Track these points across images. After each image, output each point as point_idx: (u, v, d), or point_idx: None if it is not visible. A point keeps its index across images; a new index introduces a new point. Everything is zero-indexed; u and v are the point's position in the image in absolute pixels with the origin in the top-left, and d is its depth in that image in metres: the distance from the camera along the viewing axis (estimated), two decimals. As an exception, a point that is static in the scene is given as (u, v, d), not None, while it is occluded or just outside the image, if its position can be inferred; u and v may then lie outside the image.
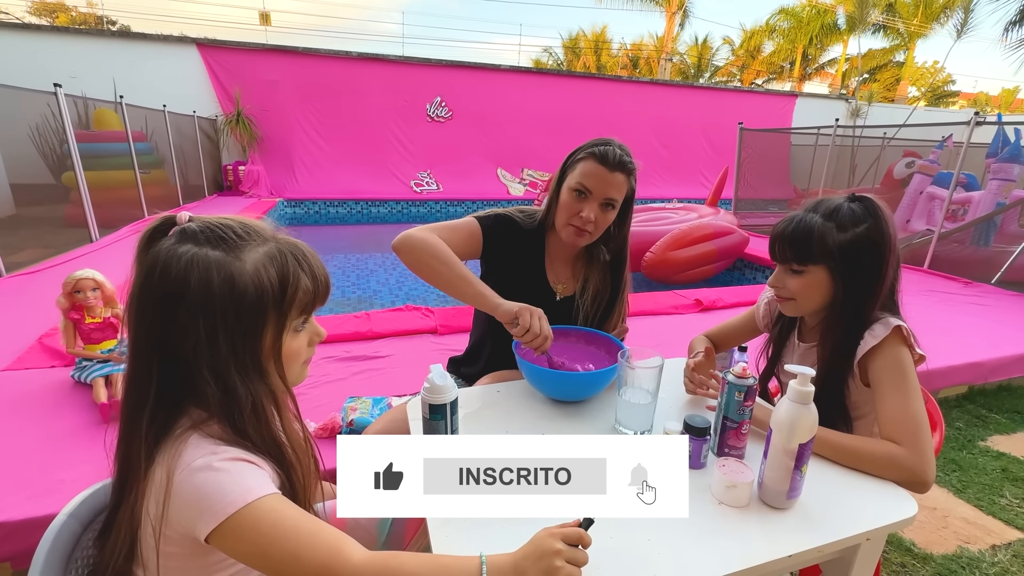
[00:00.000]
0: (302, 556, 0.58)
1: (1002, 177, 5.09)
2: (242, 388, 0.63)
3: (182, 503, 0.58)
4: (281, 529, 0.58)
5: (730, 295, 3.62)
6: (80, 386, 1.96)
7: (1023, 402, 2.58)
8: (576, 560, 0.61)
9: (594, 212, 1.19)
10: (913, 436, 0.87)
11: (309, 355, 0.75)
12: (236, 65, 8.96)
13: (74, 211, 4.76)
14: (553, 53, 24.57)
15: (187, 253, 0.61)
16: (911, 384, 0.92)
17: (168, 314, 0.61)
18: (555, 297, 1.32)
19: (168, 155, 6.91)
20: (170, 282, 0.60)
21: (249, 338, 0.64)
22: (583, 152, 1.20)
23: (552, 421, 1.04)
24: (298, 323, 0.69)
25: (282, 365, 0.69)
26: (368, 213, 9.13)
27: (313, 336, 0.74)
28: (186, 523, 0.58)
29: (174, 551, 0.62)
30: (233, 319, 0.62)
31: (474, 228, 1.26)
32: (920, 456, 0.85)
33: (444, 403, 0.82)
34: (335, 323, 2.74)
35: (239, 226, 0.66)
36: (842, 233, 0.97)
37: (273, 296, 0.64)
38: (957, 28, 17.34)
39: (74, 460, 1.57)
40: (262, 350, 0.65)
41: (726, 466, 0.81)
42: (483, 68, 10.73)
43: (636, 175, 1.23)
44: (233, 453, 0.61)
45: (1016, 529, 1.69)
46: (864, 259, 0.97)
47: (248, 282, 0.62)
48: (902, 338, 0.95)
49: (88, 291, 1.91)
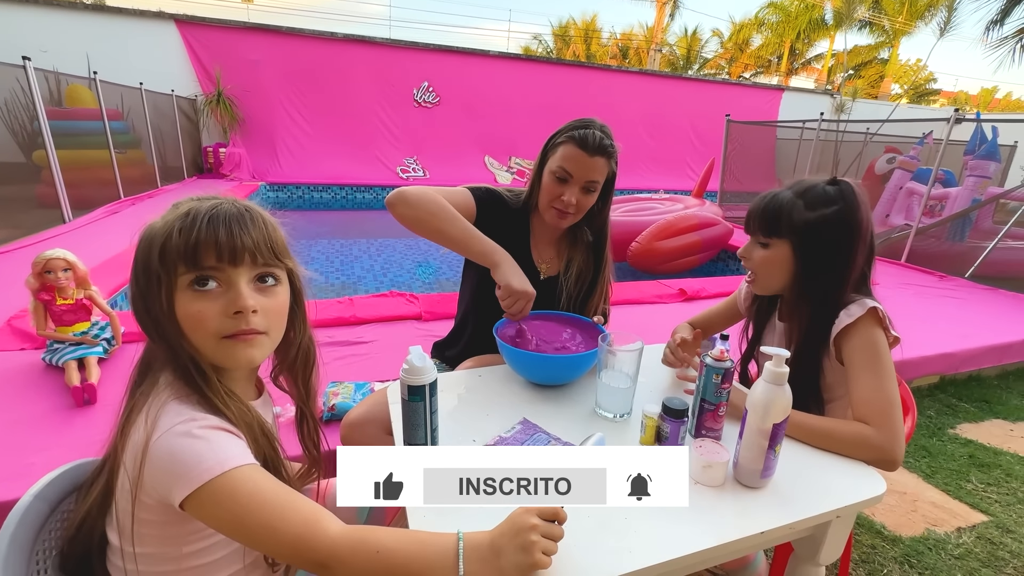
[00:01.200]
0: (278, 527, 0.58)
1: (979, 174, 5.21)
2: (174, 345, 0.65)
3: (158, 467, 0.58)
4: (258, 499, 0.58)
5: (713, 285, 3.65)
6: (51, 369, 1.91)
7: (991, 392, 2.67)
8: (552, 535, 0.61)
9: (575, 196, 1.19)
10: (884, 416, 0.89)
11: (229, 328, 0.64)
12: (216, 43, 8.69)
13: (46, 191, 4.60)
14: (543, 41, 24.37)
15: None
16: (884, 365, 0.94)
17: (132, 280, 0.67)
18: (539, 277, 1.33)
19: (145, 135, 6.69)
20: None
21: (152, 296, 0.64)
22: (563, 135, 1.20)
23: (533, 405, 1.04)
24: (188, 278, 0.63)
25: (180, 327, 0.64)
26: (353, 199, 8.99)
27: (228, 305, 0.64)
28: (162, 488, 0.58)
29: (149, 518, 0.61)
30: (142, 278, 0.64)
31: (468, 197, 1.26)
32: (890, 435, 0.88)
33: (423, 384, 0.82)
34: (319, 308, 2.70)
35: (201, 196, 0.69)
36: (809, 211, 0.99)
37: (160, 245, 0.63)
38: (940, 26, 17.63)
39: (45, 444, 1.53)
40: (161, 312, 0.64)
41: (703, 447, 0.82)
42: (472, 54, 10.57)
43: (617, 156, 1.23)
44: (212, 422, 0.61)
45: (980, 512, 1.75)
46: (828, 240, 0.99)
47: (150, 236, 0.64)
48: (877, 319, 0.97)
49: (59, 271, 1.85)
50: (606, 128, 1.21)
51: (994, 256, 4.37)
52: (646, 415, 0.89)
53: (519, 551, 0.59)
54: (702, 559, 0.70)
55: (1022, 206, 4.67)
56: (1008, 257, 4.46)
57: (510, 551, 0.60)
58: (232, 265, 0.64)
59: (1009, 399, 2.61)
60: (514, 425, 0.95)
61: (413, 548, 0.61)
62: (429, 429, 0.84)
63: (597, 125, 1.20)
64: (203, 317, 0.63)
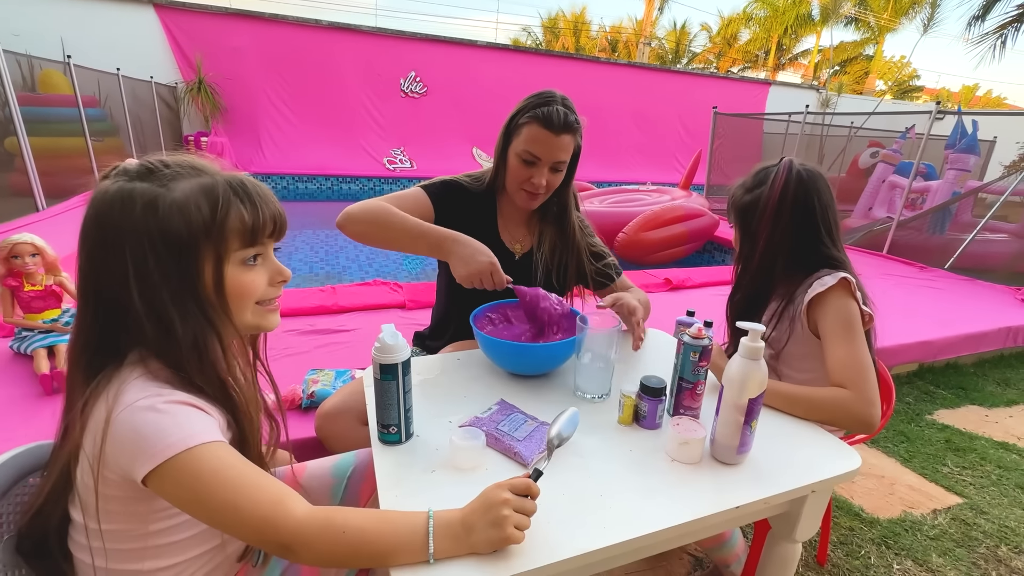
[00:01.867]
0: (242, 506, 0.56)
1: (959, 167, 5.30)
2: (180, 321, 0.60)
3: (121, 442, 0.55)
4: (222, 477, 0.56)
5: (699, 275, 3.67)
6: (19, 357, 1.85)
7: (967, 379, 2.72)
8: (524, 509, 0.60)
9: (545, 177, 1.17)
10: (859, 380, 0.91)
11: (271, 296, 0.69)
12: (197, 29, 8.48)
13: (18, 179, 4.46)
14: (532, 32, 24.23)
15: (115, 187, 0.60)
16: (856, 333, 0.96)
17: (96, 247, 0.60)
18: (514, 257, 1.31)
19: (123, 122, 6.52)
20: (97, 214, 0.59)
21: (184, 267, 0.61)
22: (526, 114, 1.15)
23: (511, 388, 1.02)
24: (244, 255, 0.65)
25: (226, 300, 0.64)
26: (339, 190, 8.88)
27: (274, 275, 0.69)
28: (124, 463, 0.56)
29: (114, 494, 0.59)
30: (162, 246, 0.59)
31: (421, 196, 1.23)
32: (865, 399, 0.90)
33: (395, 363, 0.80)
34: (299, 296, 2.66)
35: (175, 161, 0.64)
36: (746, 195, 1.10)
37: (204, 223, 0.61)
38: (924, 23, 17.88)
39: (13, 434, 1.48)
40: (201, 283, 0.62)
41: (680, 424, 0.81)
42: (460, 44, 10.47)
43: (582, 130, 1.19)
44: (179, 397, 0.59)
45: (955, 495, 1.78)
46: (751, 218, 1.09)
47: (172, 207, 0.60)
48: (849, 290, 0.99)
49: (26, 256, 1.79)
50: (567, 100, 1.17)
51: (972, 248, 4.45)
52: (624, 394, 0.89)
53: (491, 526, 0.58)
54: (677, 534, 0.69)
55: (1000, 199, 4.76)
56: (986, 249, 4.54)
57: (482, 526, 0.59)
58: (273, 239, 0.69)
59: (984, 386, 2.66)
60: (491, 406, 0.93)
61: (382, 527, 0.60)
62: (402, 409, 0.82)
63: (559, 99, 1.16)
64: (254, 287, 0.66)
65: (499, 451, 0.82)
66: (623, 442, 0.85)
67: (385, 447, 0.82)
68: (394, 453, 0.81)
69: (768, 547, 0.93)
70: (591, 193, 5.99)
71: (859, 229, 5.51)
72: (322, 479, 0.91)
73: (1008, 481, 1.87)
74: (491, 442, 0.83)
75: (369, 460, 0.90)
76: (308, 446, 1.47)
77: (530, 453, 0.79)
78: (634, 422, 0.90)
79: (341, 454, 0.96)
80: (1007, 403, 2.50)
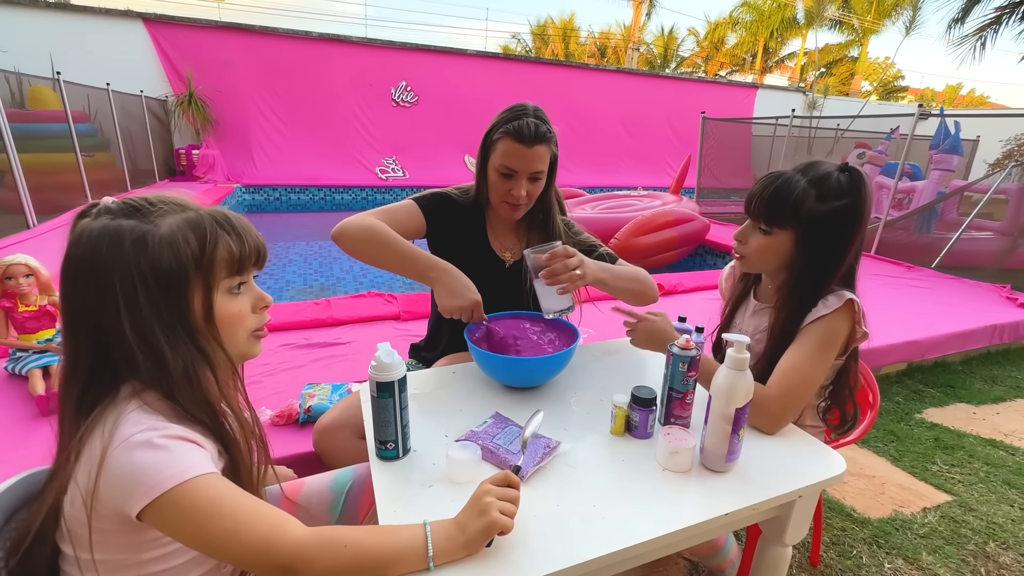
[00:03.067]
0: (241, 534, 0.57)
1: (943, 167, 5.39)
2: (170, 352, 0.62)
3: (115, 479, 0.56)
4: (218, 507, 0.57)
5: (691, 279, 3.71)
6: (15, 378, 1.84)
7: (956, 377, 2.76)
8: (506, 496, 0.65)
9: (524, 188, 1.20)
10: (789, 389, 0.92)
11: (257, 323, 0.72)
12: (187, 43, 8.49)
13: (8, 196, 4.43)
14: (521, 40, 24.39)
15: (100, 225, 0.62)
16: (824, 353, 0.96)
17: (85, 283, 0.61)
18: (504, 265, 1.33)
19: (114, 137, 6.51)
20: (84, 252, 0.61)
21: (174, 300, 0.63)
22: (499, 130, 1.18)
23: (506, 399, 1.05)
24: (230, 284, 0.68)
25: (216, 330, 0.67)
26: (331, 200, 8.88)
27: (257, 301, 0.72)
28: (118, 500, 0.56)
29: (106, 527, 0.60)
30: (152, 280, 0.61)
31: (413, 209, 1.25)
32: (779, 411, 0.92)
33: (391, 381, 0.81)
34: (293, 310, 2.67)
35: (157, 199, 0.66)
36: (821, 204, 0.96)
37: (193, 255, 0.63)
38: (906, 25, 18.19)
39: (8, 455, 1.48)
40: (191, 313, 0.64)
41: (670, 434, 0.83)
42: (450, 52, 10.53)
43: (556, 139, 1.22)
44: (174, 431, 0.60)
45: (944, 493, 1.82)
46: (832, 233, 0.97)
47: (161, 242, 0.62)
48: (851, 313, 0.98)
49: (20, 277, 1.80)
50: (540, 111, 1.20)
51: (958, 247, 4.52)
52: (616, 405, 0.91)
53: (478, 516, 0.63)
54: (670, 542, 0.71)
55: (984, 198, 4.84)
56: (971, 248, 4.62)
57: (471, 520, 0.64)
58: (255, 268, 0.72)
59: (972, 384, 2.71)
60: (486, 420, 0.95)
61: (381, 539, 0.62)
62: (400, 425, 0.84)
63: (531, 111, 1.18)
64: (243, 316, 0.69)
65: (494, 464, 0.84)
66: (615, 452, 0.88)
67: (383, 463, 0.84)
68: (392, 468, 0.83)
69: (760, 551, 0.95)
70: (582, 199, 6.03)
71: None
72: (321, 495, 0.92)
73: (996, 478, 1.91)
74: (486, 455, 0.85)
75: (367, 475, 0.92)
76: (305, 461, 1.48)
77: (525, 466, 0.81)
78: (626, 432, 0.92)
79: (339, 469, 0.98)
80: (994, 400, 2.54)
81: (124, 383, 0.63)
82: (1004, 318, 3.16)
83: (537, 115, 1.18)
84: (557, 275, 1.05)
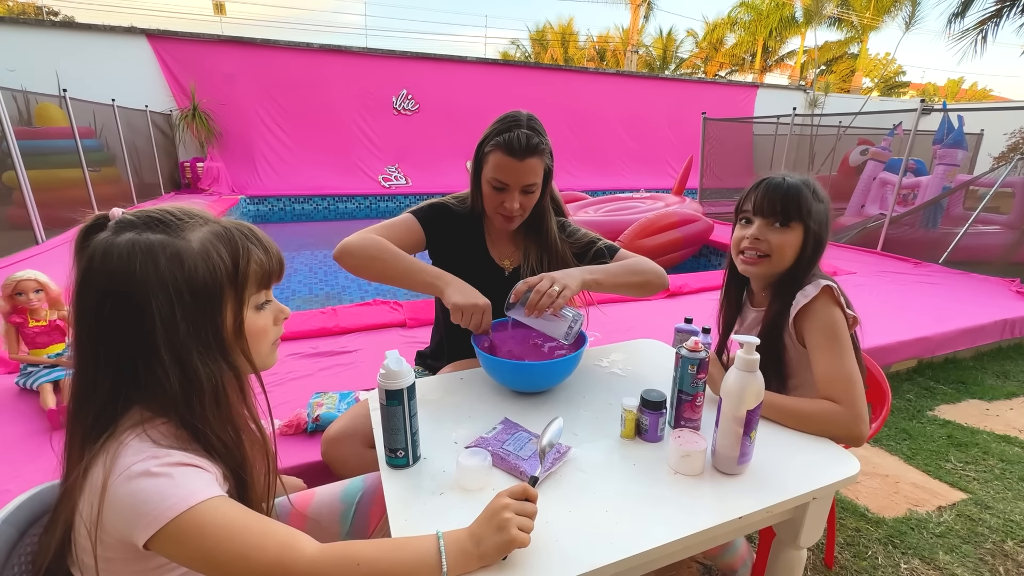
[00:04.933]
0: (251, 556, 0.56)
1: (947, 162, 5.35)
2: (203, 370, 0.61)
3: (118, 510, 0.55)
4: (227, 530, 0.56)
5: (696, 280, 3.69)
6: (26, 393, 1.86)
7: (967, 373, 2.73)
8: (525, 511, 0.63)
9: (517, 200, 1.19)
10: (847, 394, 0.92)
11: (276, 335, 0.73)
12: (190, 57, 8.60)
13: (17, 212, 4.49)
14: (520, 45, 24.51)
15: (127, 240, 0.59)
16: (842, 343, 0.97)
17: (115, 304, 0.58)
18: (504, 273, 1.33)
19: (119, 152, 6.58)
20: (113, 270, 0.58)
21: (208, 316, 0.62)
22: (490, 142, 1.17)
23: (514, 406, 1.04)
24: (258, 299, 0.68)
25: (247, 344, 0.66)
26: (335, 209, 8.93)
27: (278, 314, 0.72)
28: (123, 530, 0.55)
29: (112, 556, 0.58)
30: (188, 297, 0.60)
31: (411, 222, 1.25)
32: (852, 412, 0.91)
33: (400, 388, 0.82)
34: (300, 319, 2.67)
35: (177, 210, 0.64)
36: (817, 202, 1.06)
37: (227, 270, 0.62)
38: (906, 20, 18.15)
39: (21, 470, 1.49)
40: (224, 329, 0.64)
41: (681, 437, 0.83)
42: (449, 60, 10.61)
43: (550, 150, 1.21)
44: (176, 457, 0.58)
45: (959, 491, 1.79)
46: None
47: (197, 258, 0.60)
48: (832, 297, 1.01)
49: (30, 293, 1.82)
50: (534, 121, 1.18)
51: (965, 241, 4.48)
52: (625, 408, 0.91)
53: (496, 531, 0.62)
54: (683, 547, 0.71)
55: (990, 192, 4.81)
56: (979, 242, 4.58)
57: (488, 534, 0.62)
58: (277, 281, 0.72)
59: (984, 379, 2.68)
60: (495, 426, 0.95)
61: (395, 555, 0.61)
62: (409, 433, 0.84)
63: (524, 121, 1.16)
64: (267, 329, 0.70)
65: (505, 470, 0.84)
66: (626, 456, 0.87)
67: (393, 471, 0.84)
68: (402, 477, 0.83)
69: (774, 554, 0.94)
70: (585, 203, 6.04)
71: (853, 227, 5.55)
72: (331, 505, 0.92)
73: (1011, 475, 1.88)
74: (496, 462, 0.84)
75: (377, 484, 0.92)
76: (314, 470, 1.48)
77: (535, 471, 0.81)
78: (636, 436, 0.92)
79: (349, 479, 0.97)
80: (1007, 396, 2.51)
81: (130, 408, 0.61)
82: (1015, 312, 3.13)
83: (531, 125, 1.16)
84: (537, 306, 1.04)
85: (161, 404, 0.61)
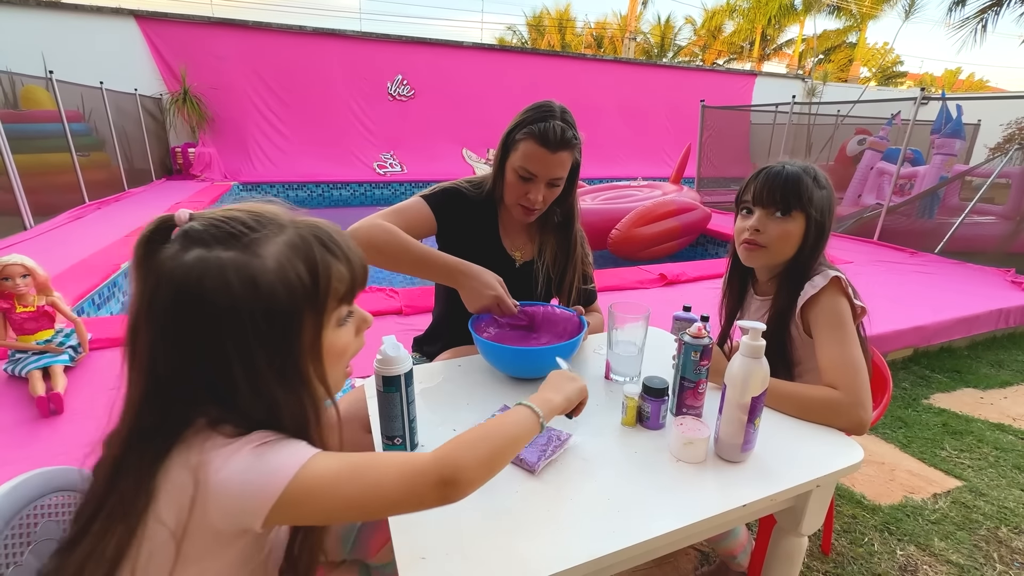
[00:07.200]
0: (382, 479, 0.54)
1: (945, 152, 5.35)
2: (284, 400, 0.56)
3: (228, 496, 0.51)
4: (348, 469, 0.54)
5: (693, 269, 3.69)
6: (14, 380, 1.83)
7: (962, 362, 2.75)
8: None
9: (541, 193, 1.16)
10: (850, 381, 0.91)
11: (357, 348, 0.65)
12: (180, 40, 8.41)
13: (4, 197, 4.40)
14: (517, 31, 24.21)
15: (196, 259, 0.52)
16: (848, 331, 0.97)
17: (183, 332, 0.53)
18: (515, 264, 1.30)
19: (109, 136, 6.46)
20: (181, 296, 0.52)
21: (285, 343, 0.56)
22: (523, 130, 1.13)
23: (513, 392, 1.03)
24: (340, 315, 0.61)
25: (323, 367, 0.59)
26: (330, 196, 8.85)
27: (360, 324, 0.65)
28: (234, 517, 0.52)
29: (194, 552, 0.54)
30: (265, 325, 0.54)
31: (422, 207, 1.22)
32: (856, 400, 0.90)
33: (398, 375, 0.80)
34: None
35: (249, 217, 0.57)
36: (819, 189, 1.05)
37: (305, 291, 0.56)
38: (905, 9, 18.04)
39: (9, 457, 1.47)
40: (301, 352, 0.57)
41: (684, 424, 0.82)
42: (445, 45, 10.44)
43: (580, 145, 1.18)
44: (263, 437, 0.54)
45: (954, 478, 1.81)
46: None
47: (274, 280, 0.54)
48: (840, 288, 1.00)
49: (17, 278, 1.78)
50: (567, 114, 1.15)
51: (961, 232, 4.50)
52: (627, 395, 0.89)
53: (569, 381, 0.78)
54: (686, 535, 0.70)
55: (986, 182, 4.81)
56: (974, 232, 4.59)
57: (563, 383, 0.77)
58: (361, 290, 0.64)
59: (979, 368, 2.69)
60: (494, 412, 0.93)
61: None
62: (407, 420, 0.82)
63: (558, 112, 1.14)
64: (348, 345, 0.63)
65: (504, 458, 0.82)
66: (627, 444, 0.86)
67: (390, 459, 0.82)
68: (400, 465, 0.81)
69: (774, 541, 0.94)
70: (582, 191, 6.00)
71: (850, 216, 5.55)
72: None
73: (1005, 462, 1.90)
74: (496, 449, 0.83)
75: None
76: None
77: (536, 458, 0.79)
78: (637, 423, 0.90)
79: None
80: (1001, 384, 2.53)
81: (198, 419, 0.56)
82: (1009, 302, 3.15)
83: (564, 118, 1.13)
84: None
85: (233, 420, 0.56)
